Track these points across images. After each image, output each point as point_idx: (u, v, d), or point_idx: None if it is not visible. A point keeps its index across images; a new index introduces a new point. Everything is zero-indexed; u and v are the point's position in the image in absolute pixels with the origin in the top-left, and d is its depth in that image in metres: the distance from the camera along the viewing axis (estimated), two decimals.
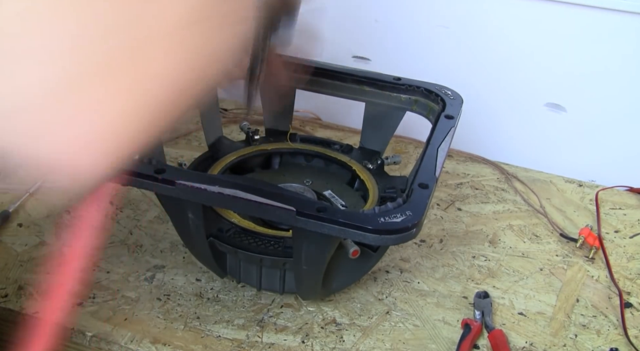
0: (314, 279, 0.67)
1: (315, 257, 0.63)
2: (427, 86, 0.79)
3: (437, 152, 0.66)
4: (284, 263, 0.68)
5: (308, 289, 0.71)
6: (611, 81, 0.97)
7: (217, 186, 0.58)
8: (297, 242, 0.62)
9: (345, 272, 0.70)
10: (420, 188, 0.60)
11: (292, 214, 0.56)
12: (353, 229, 0.56)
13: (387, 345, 0.68)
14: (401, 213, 0.57)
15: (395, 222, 0.56)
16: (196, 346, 0.66)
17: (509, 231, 0.87)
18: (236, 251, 0.67)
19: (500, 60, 1.02)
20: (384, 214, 0.57)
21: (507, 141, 1.07)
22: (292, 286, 0.71)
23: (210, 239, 0.68)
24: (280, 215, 0.57)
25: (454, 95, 0.78)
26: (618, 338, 0.71)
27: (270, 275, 0.71)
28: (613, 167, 1.00)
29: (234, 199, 0.58)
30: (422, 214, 0.58)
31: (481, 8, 0.99)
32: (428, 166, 0.64)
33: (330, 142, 0.86)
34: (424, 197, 0.59)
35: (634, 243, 0.86)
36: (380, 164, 0.82)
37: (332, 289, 0.72)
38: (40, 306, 0.69)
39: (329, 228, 0.56)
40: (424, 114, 0.80)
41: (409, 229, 0.56)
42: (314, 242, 0.61)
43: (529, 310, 0.74)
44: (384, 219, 0.56)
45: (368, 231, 0.56)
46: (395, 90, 0.81)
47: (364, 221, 0.56)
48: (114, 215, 0.85)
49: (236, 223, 0.69)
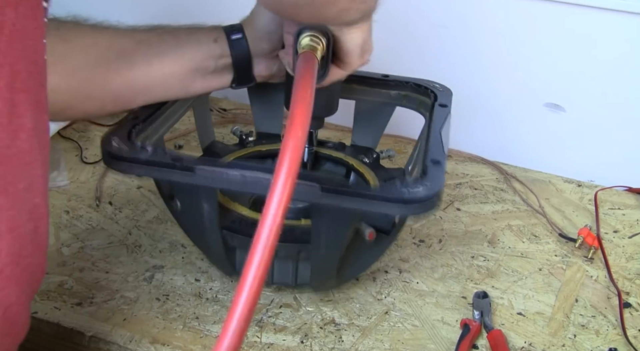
0: (331, 265, 0.67)
1: (335, 240, 0.63)
2: (415, 81, 0.81)
3: (441, 134, 0.67)
4: (299, 252, 0.67)
5: (323, 279, 0.71)
6: (611, 81, 0.97)
7: (237, 169, 0.58)
8: (317, 225, 0.62)
9: (359, 258, 0.70)
10: (433, 164, 0.61)
11: (317, 190, 0.56)
12: (379, 201, 0.56)
13: (386, 345, 0.68)
14: (421, 185, 0.57)
15: (418, 191, 0.56)
16: (195, 346, 0.66)
17: (508, 231, 0.87)
18: (249, 242, 0.67)
19: (500, 60, 1.02)
20: (406, 185, 0.57)
21: (506, 141, 1.07)
22: (305, 278, 0.71)
23: (224, 231, 0.67)
24: (305, 192, 0.57)
25: (442, 88, 0.80)
26: (617, 338, 0.71)
27: (282, 267, 0.70)
28: (612, 168, 1.00)
29: (257, 181, 0.57)
30: (441, 185, 0.58)
31: (480, 8, 0.99)
32: (436, 146, 0.65)
33: (322, 141, 0.86)
34: (439, 171, 0.60)
35: (632, 243, 0.86)
36: (375, 158, 0.83)
37: (345, 278, 0.73)
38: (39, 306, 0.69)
39: (354, 201, 0.56)
40: (414, 107, 0.82)
41: (431, 198, 0.57)
42: (334, 223, 0.61)
43: (527, 310, 0.74)
44: (406, 190, 0.56)
45: (394, 202, 0.56)
46: (384, 86, 0.82)
47: (389, 192, 0.56)
48: (113, 215, 0.85)
49: (246, 215, 0.69)
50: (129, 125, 0.66)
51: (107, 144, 0.62)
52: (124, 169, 0.61)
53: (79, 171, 0.94)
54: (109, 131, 0.65)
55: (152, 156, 0.61)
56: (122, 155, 0.61)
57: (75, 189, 0.91)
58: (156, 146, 0.63)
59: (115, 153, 0.61)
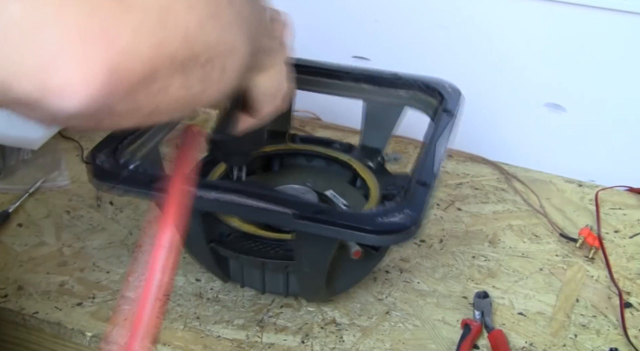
0: (317, 281, 0.67)
1: (317, 259, 0.63)
2: (425, 80, 0.78)
3: (435, 147, 0.65)
4: (287, 266, 0.67)
5: (312, 292, 0.70)
6: (611, 81, 0.97)
7: (213, 192, 0.58)
8: (298, 245, 0.62)
9: (348, 273, 0.70)
10: (420, 185, 0.59)
11: (290, 217, 0.56)
12: (351, 231, 0.55)
13: (386, 345, 0.68)
14: (399, 212, 0.56)
15: (393, 222, 0.55)
16: (196, 347, 0.66)
17: (508, 231, 0.87)
18: (238, 256, 0.67)
19: (500, 60, 1.02)
20: (382, 214, 0.56)
21: (507, 141, 1.06)
22: (296, 288, 0.71)
23: (212, 245, 0.67)
24: (279, 218, 0.57)
25: (452, 88, 0.77)
26: (618, 338, 0.71)
27: (273, 278, 0.70)
28: (613, 168, 1.00)
29: (232, 205, 0.58)
30: (421, 212, 0.56)
31: (481, 8, 0.99)
32: (427, 163, 0.63)
33: (330, 142, 0.85)
34: (423, 195, 0.58)
35: (633, 243, 0.86)
36: (381, 162, 0.81)
37: (336, 290, 0.72)
38: None
39: (327, 229, 0.56)
40: (423, 109, 0.79)
41: (408, 228, 0.55)
42: (314, 244, 0.61)
43: (528, 310, 0.74)
44: (381, 219, 0.55)
45: (366, 232, 0.55)
46: (393, 86, 0.79)
47: (362, 221, 0.55)
48: (114, 215, 0.85)
49: (237, 227, 0.68)
50: (118, 138, 0.65)
51: (92, 160, 0.61)
52: (107, 189, 0.61)
53: (80, 171, 0.94)
54: (96, 146, 0.63)
55: (132, 175, 0.60)
56: (104, 174, 0.60)
57: (76, 189, 0.90)
58: (139, 163, 0.62)
59: (97, 172, 0.60)
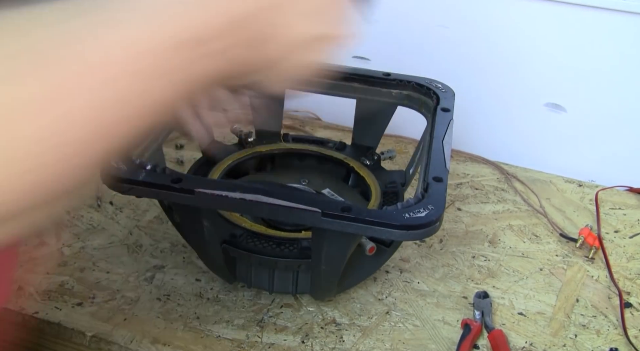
0: (332, 279, 0.67)
1: (336, 257, 0.63)
2: (417, 80, 0.80)
3: (443, 145, 0.67)
4: (299, 265, 0.67)
5: (323, 289, 0.71)
6: (611, 81, 0.97)
7: (238, 192, 0.57)
8: (317, 243, 0.62)
9: (360, 269, 0.70)
10: (435, 181, 0.61)
11: (318, 215, 0.56)
12: (380, 227, 0.56)
13: (387, 345, 0.68)
14: (424, 208, 0.57)
15: (420, 217, 0.56)
16: (196, 347, 0.66)
17: (508, 231, 0.87)
18: (250, 256, 0.67)
19: (500, 60, 1.02)
20: (407, 210, 0.57)
21: (507, 141, 1.07)
22: (304, 287, 0.71)
23: (224, 245, 0.67)
24: (306, 217, 0.57)
25: (444, 88, 0.78)
26: (618, 338, 0.71)
27: (282, 278, 0.70)
28: (613, 168, 1.00)
29: (258, 204, 0.57)
30: (444, 208, 0.58)
31: (481, 8, 0.99)
32: (438, 160, 0.64)
33: (323, 141, 0.86)
34: (441, 190, 0.60)
35: (633, 243, 0.86)
36: (376, 160, 0.82)
37: (345, 287, 0.73)
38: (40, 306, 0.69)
39: (355, 226, 0.56)
40: (416, 107, 0.81)
41: (434, 223, 0.56)
42: (335, 242, 0.61)
43: (528, 310, 0.74)
44: (408, 215, 0.56)
45: (395, 228, 0.56)
46: (385, 85, 0.81)
47: (390, 218, 0.56)
48: (114, 215, 0.85)
49: (247, 227, 0.69)
50: None
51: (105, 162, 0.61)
52: (124, 191, 0.60)
53: None
54: None
55: (151, 176, 0.60)
56: (121, 176, 0.60)
57: None
58: (155, 164, 0.62)
59: (114, 174, 0.60)
